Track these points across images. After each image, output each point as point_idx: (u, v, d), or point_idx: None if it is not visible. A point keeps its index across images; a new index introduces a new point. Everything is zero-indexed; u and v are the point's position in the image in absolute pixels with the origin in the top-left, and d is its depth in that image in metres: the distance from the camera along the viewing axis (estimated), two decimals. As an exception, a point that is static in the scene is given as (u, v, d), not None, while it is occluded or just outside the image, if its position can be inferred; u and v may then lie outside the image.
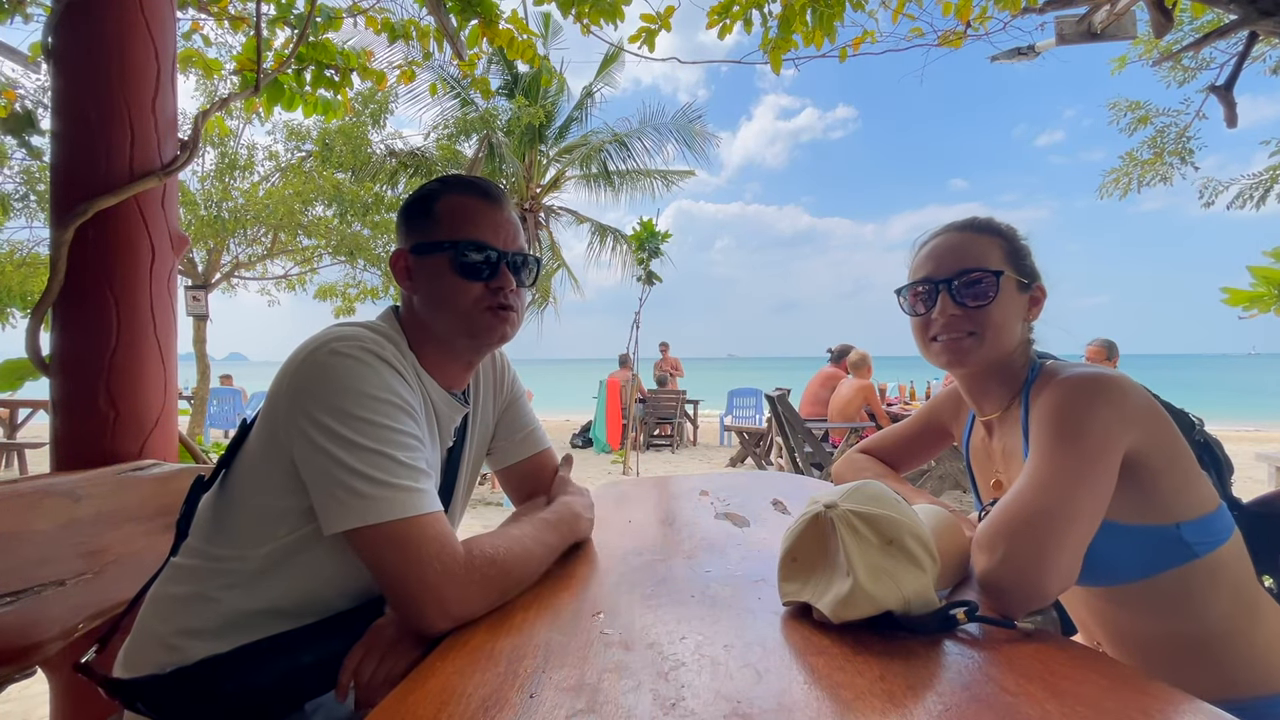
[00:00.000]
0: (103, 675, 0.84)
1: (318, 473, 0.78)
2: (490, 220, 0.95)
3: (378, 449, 0.78)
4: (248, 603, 0.85)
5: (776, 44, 2.55)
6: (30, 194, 7.06)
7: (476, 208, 0.95)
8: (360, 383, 0.80)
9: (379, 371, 0.83)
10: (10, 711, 2.14)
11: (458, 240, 0.93)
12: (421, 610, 0.74)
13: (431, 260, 0.94)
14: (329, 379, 0.80)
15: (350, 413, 0.78)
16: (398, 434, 0.80)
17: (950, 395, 1.24)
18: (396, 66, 3.33)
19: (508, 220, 0.97)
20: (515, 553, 0.84)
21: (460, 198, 0.96)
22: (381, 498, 0.75)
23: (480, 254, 0.93)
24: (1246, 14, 2.50)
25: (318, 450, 0.77)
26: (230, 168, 7.99)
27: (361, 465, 0.76)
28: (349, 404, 0.79)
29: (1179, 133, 7.39)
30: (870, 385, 5.59)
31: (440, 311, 0.94)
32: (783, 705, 0.56)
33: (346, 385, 0.80)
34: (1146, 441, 0.84)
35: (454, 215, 0.95)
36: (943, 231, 1.04)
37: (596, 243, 12.48)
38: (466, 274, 0.93)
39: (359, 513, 0.75)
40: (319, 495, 0.78)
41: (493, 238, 0.94)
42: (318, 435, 0.77)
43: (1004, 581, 0.76)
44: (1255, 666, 0.88)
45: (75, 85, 1.51)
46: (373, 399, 0.80)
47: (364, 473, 0.76)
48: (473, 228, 0.94)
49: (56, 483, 1.22)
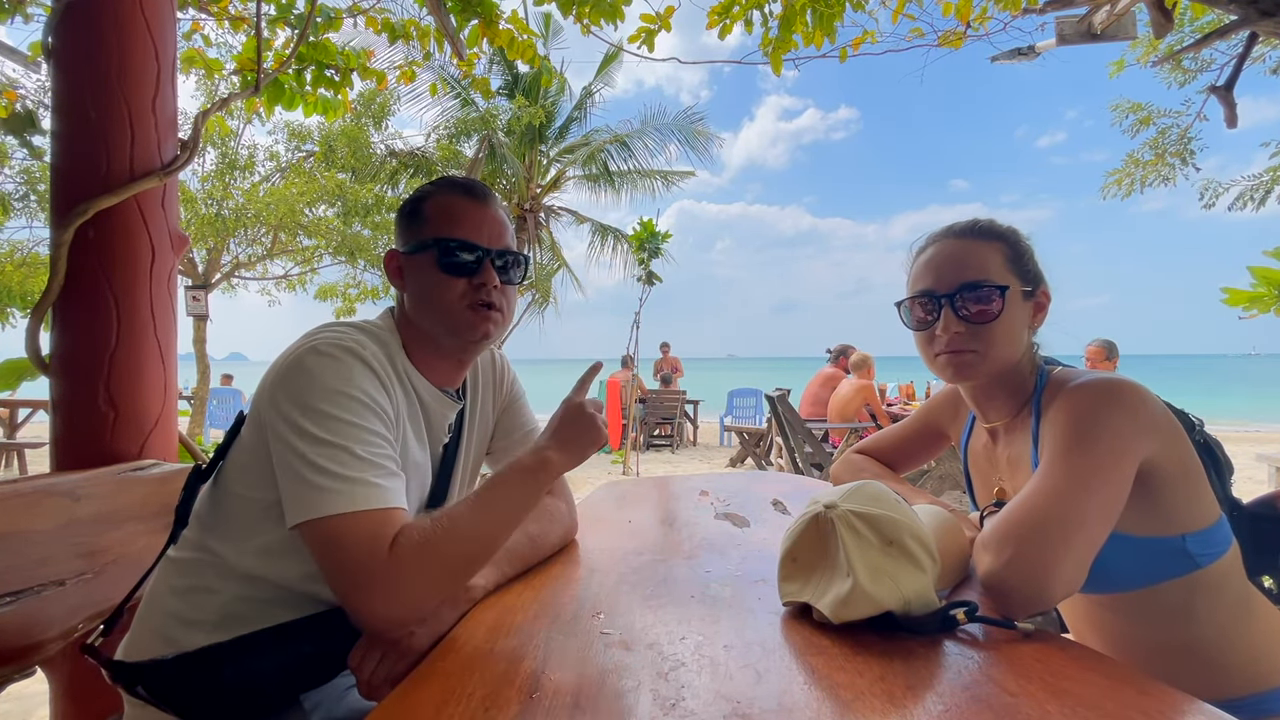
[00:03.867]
0: (107, 657, 0.86)
1: (281, 465, 0.79)
2: (474, 218, 0.96)
3: (334, 441, 0.77)
4: (246, 593, 0.86)
5: (777, 44, 2.55)
6: (30, 194, 7.06)
7: (461, 206, 0.97)
8: (328, 379, 0.81)
9: (350, 368, 0.84)
10: (10, 711, 2.14)
11: (441, 238, 0.94)
12: (353, 610, 0.73)
13: (419, 259, 0.95)
14: (303, 376, 0.81)
15: (313, 407, 0.79)
16: (357, 428, 0.80)
17: (948, 397, 1.22)
18: (397, 66, 3.33)
19: (493, 218, 0.98)
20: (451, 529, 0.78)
21: (447, 197, 0.98)
22: (330, 489, 0.74)
23: (463, 250, 0.94)
24: (1246, 14, 2.50)
25: (283, 443, 0.78)
26: (231, 167, 7.99)
27: (317, 457, 0.76)
28: (314, 398, 0.79)
29: (1180, 134, 7.38)
30: (870, 386, 5.58)
31: (425, 308, 0.96)
32: (783, 705, 0.56)
33: (315, 381, 0.80)
34: (1160, 451, 0.83)
35: (440, 214, 0.96)
36: (942, 237, 1.00)
37: (597, 243, 12.46)
38: (449, 271, 0.94)
39: (306, 504, 0.74)
40: (282, 488, 0.78)
41: (475, 235, 0.95)
42: (284, 429, 0.79)
43: (1009, 583, 0.75)
44: (1249, 665, 0.88)
45: (75, 85, 1.51)
46: (338, 394, 0.81)
47: (318, 465, 0.76)
48: (456, 226, 0.95)
49: (56, 483, 1.22)
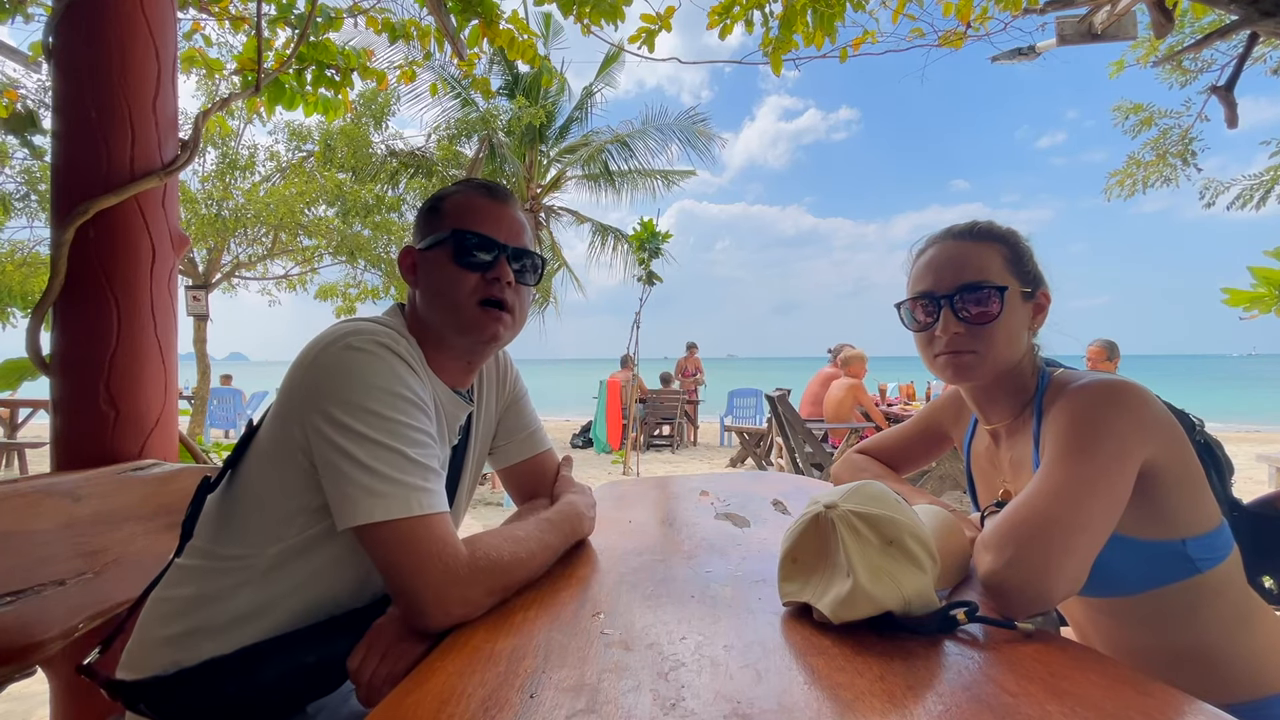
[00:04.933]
0: (105, 677, 0.84)
1: (330, 468, 0.78)
2: (493, 214, 0.96)
3: (389, 444, 0.78)
4: (257, 601, 0.85)
5: (777, 44, 2.55)
6: (31, 194, 7.06)
7: (482, 203, 0.97)
8: (374, 377, 0.80)
9: (393, 365, 0.83)
10: (10, 711, 2.14)
11: (458, 230, 0.94)
12: (424, 608, 0.75)
13: (434, 253, 0.95)
14: (343, 373, 0.80)
15: (363, 406, 0.78)
16: (410, 429, 0.81)
17: (950, 399, 1.22)
18: (397, 66, 3.33)
19: (512, 217, 0.98)
20: (517, 552, 0.85)
21: (468, 195, 0.98)
22: (391, 494, 0.76)
23: (479, 244, 0.94)
24: (1247, 14, 2.50)
25: (331, 445, 0.77)
26: (231, 167, 7.99)
27: (373, 461, 0.76)
28: (362, 398, 0.79)
29: (1182, 134, 7.38)
30: (860, 384, 5.55)
31: (436, 303, 0.95)
32: (783, 706, 0.56)
33: (360, 379, 0.80)
34: (1162, 454, 0.83)
35: (458, 210, 0.97)
36: (941, 239, 1.00)
37: (597, 243, 12.47)
38: (464, 264, 0.93)
39: (367, 509, 0.75)
40: (332, 491, 0.78)
41: (494, 230, 0.95)
42: (331, 430, 0.78)
43: (1010, 584, 0.75)
44: (1249, 671, 0.88)
45: (76, 85, 1.51)
46: (386, 393, 0.80)
47: (374, 469, 0.76)
48: (475, 220, 0.95)
49: (56, 483, 1.22)
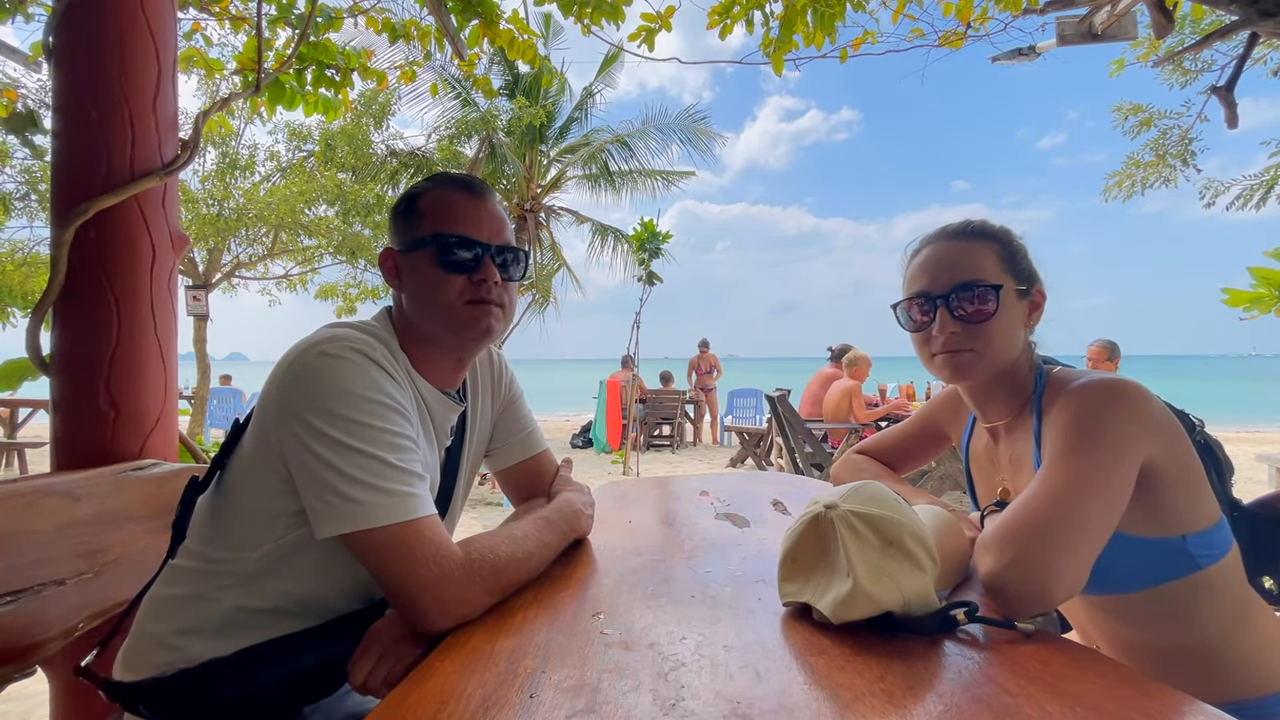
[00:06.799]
0: (104, 678, 0.84)
1: (308, 476, 0.77)
2: (473, 213, 0.94)
3: (368, 451, 0.77)
4: (247, 603, 0.84)
5: (778, 44, 2.55)
6: (31, 194, 7.06)
7: (459, 202, 0.95)
8: (348, 383, 0.80)
9: (368, 372, 0.82)
10: (10, 711, 2.14)
11: (439, 234, 0.92)
12: (424, 611, 0.74)
13: (416, 256, 0.93)
14: (318, 381, 0.79)
15: (339, 414, 0.77)
16: (388, 434, 0.80)
17: (948, 398, 1.22)
18: (397, 66, 3.33)
19: (491, 213, 0.96)
20: (514, 552, 0.85)
21: (443, 193, 0.96)
22: (372, 503, 0.75)
23: (462, 247, 0.92)
24: (1247, 15, 2.50)
25: (308, 453, 0.77)
26: (231, 167, 7.99)
27: (351, 469, 0.75)
28: (337, 405, 0.78)
29: (1181, 135, 7.39)
30: (857, 387, 5.55)
31: (425, 307, 0.94)
32: (783, 706, 0.56)
33: (335, 386, 0.79)
34: (1163, 452, 0.83)
35: (437, 210, 0.94)
36: (935, 239, 1.01)
37: (597, 243, 12.46)
38: (449, 267, 0.92)
39: (350, 518, 0.74)
40: (310, 499, 0.77)
41: (475, 230, 0.93)
42: (307, 437, 0.77)
43: (1010, 584, 0.75)
44: (1248, 670, 0.88)
45: (76, 85, 1.51)
46: (362, 399, 0.79)
47: (354, 476, 0.75)
48: (455, 221, 0.93)
49: (56, 483, 1.22)
